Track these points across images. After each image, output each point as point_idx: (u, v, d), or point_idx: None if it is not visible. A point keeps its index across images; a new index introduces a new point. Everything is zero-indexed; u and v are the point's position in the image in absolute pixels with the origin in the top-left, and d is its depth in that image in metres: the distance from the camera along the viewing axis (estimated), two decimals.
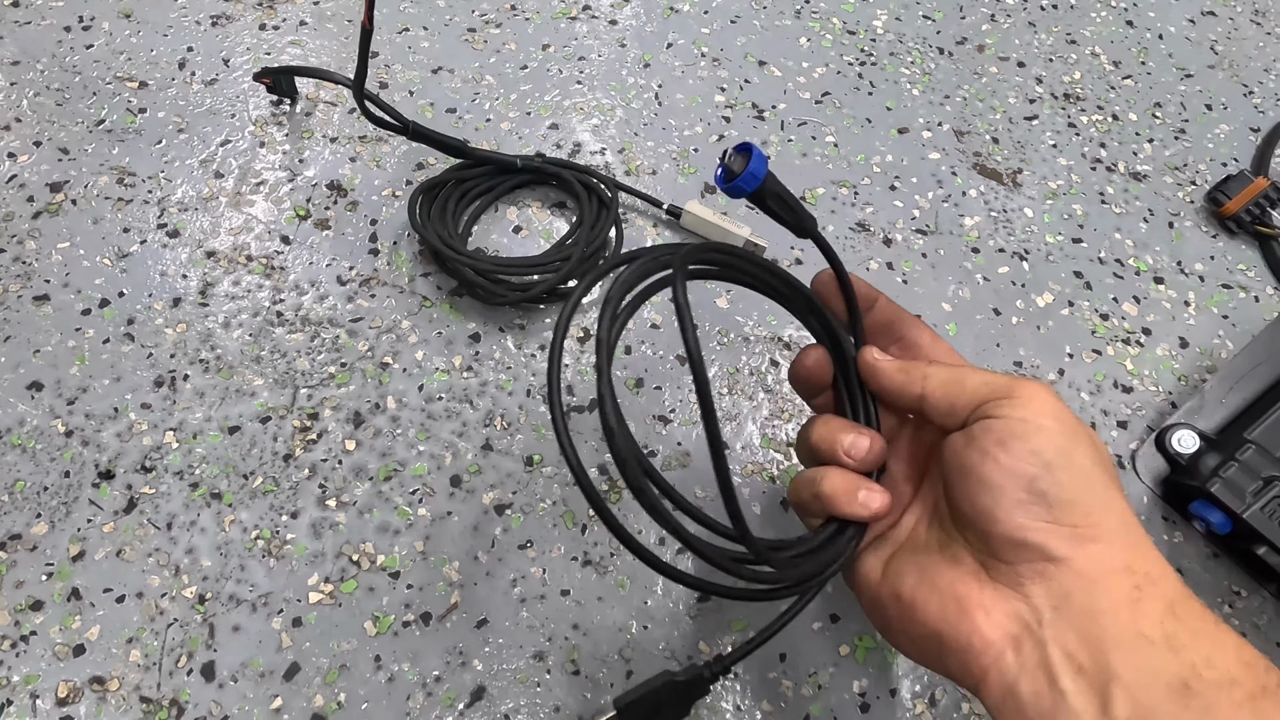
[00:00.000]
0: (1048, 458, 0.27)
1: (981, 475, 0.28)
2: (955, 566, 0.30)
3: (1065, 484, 0.27)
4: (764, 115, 0.59)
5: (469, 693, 0.39)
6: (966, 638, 0.28)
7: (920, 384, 0.31)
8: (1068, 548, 0.27)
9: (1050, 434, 0.28)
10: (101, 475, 0.42)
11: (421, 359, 0.47)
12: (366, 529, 0.42)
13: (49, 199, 0.50)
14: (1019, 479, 0.27)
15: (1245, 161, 0.61)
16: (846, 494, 0.32)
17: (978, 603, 0.28)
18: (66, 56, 0.56)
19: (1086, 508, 0.27)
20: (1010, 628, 0.27)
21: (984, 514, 0.28)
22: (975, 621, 0.28)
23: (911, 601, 0.30)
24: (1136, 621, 0.26)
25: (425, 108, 0.56)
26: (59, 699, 0.37)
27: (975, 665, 0.28)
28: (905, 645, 0.31)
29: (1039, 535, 0.27)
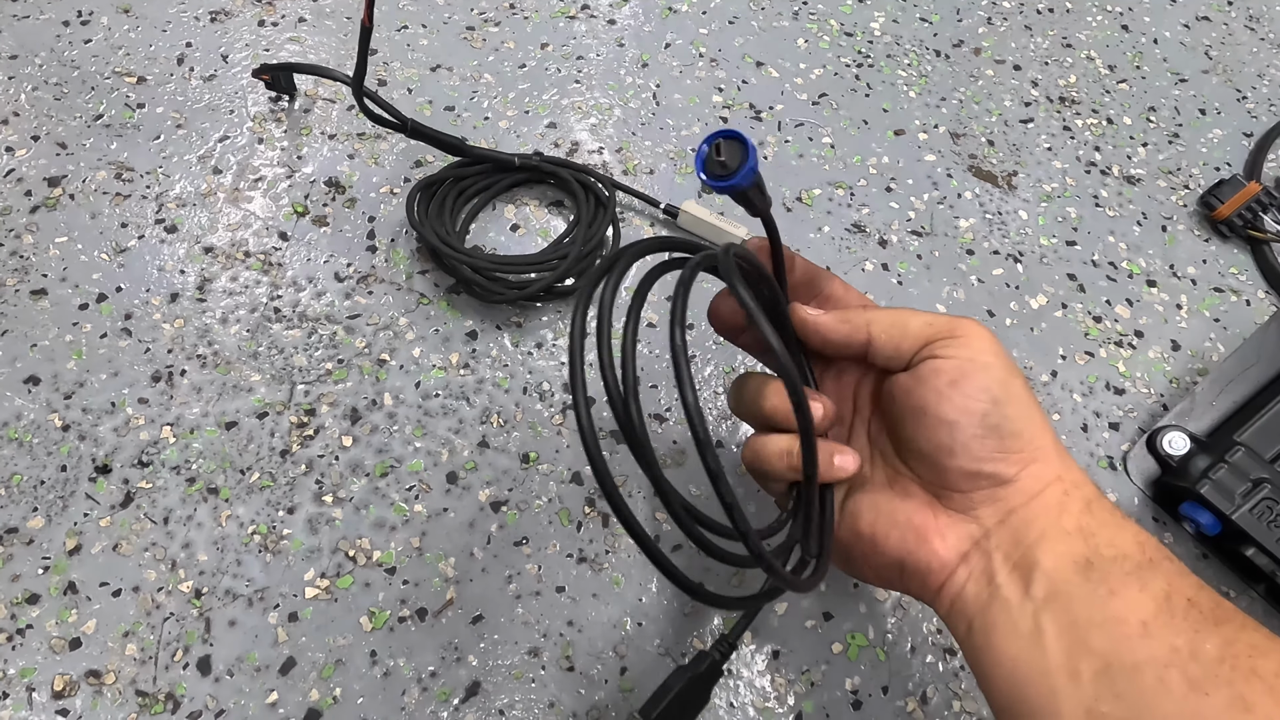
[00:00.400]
0: (995, 394, 0.30)
1: (939, 414, 0.30)
2: (909, 499, 0.32)
3: (1012, 416, 0.30)
4: (761, 116, 0.59)
5: (464, 688, 0.39)
6: (926, 562, 0.31)
7: (865, 330, 0.33)
8: (1015, 470, 0.30)
9: (995, 370, 0.30)
10: (98, 470, 0.42)
11: (418, 356, 0.47)
12: (363, 525, 0.42)
13: (47, 193, 0.50)
14: (973, 415, 0.30)
15: (1238, 166, 0.61)
16: (824, 462, 0.32)
17: (935, 530, 0.31)
18: (65, 51, 0.56)
19: (1030, 435, 0.30)
20: (963, 547, 0.30)
21: (942, 449, 0.31)
22: (934, 547, 0.31)
23: (872, 537, 0.32)
24: (1060, 519, 0.29)
25: (424, 105, 0.56)
26: (55, 692, 0.37)
27: (933, 582, 0.31)
28: (866, 574, 0.34)
29: (992, 465, 0.30)
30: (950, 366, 0.30)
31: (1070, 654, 0.27)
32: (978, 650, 0.30)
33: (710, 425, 0.47)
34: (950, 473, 0.31)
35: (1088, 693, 0.26)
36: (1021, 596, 0.29)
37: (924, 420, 0.31)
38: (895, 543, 0.31)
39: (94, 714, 0.37)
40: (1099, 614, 0.27)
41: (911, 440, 0.32)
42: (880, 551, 0.32)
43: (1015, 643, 0.28)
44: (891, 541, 0.32)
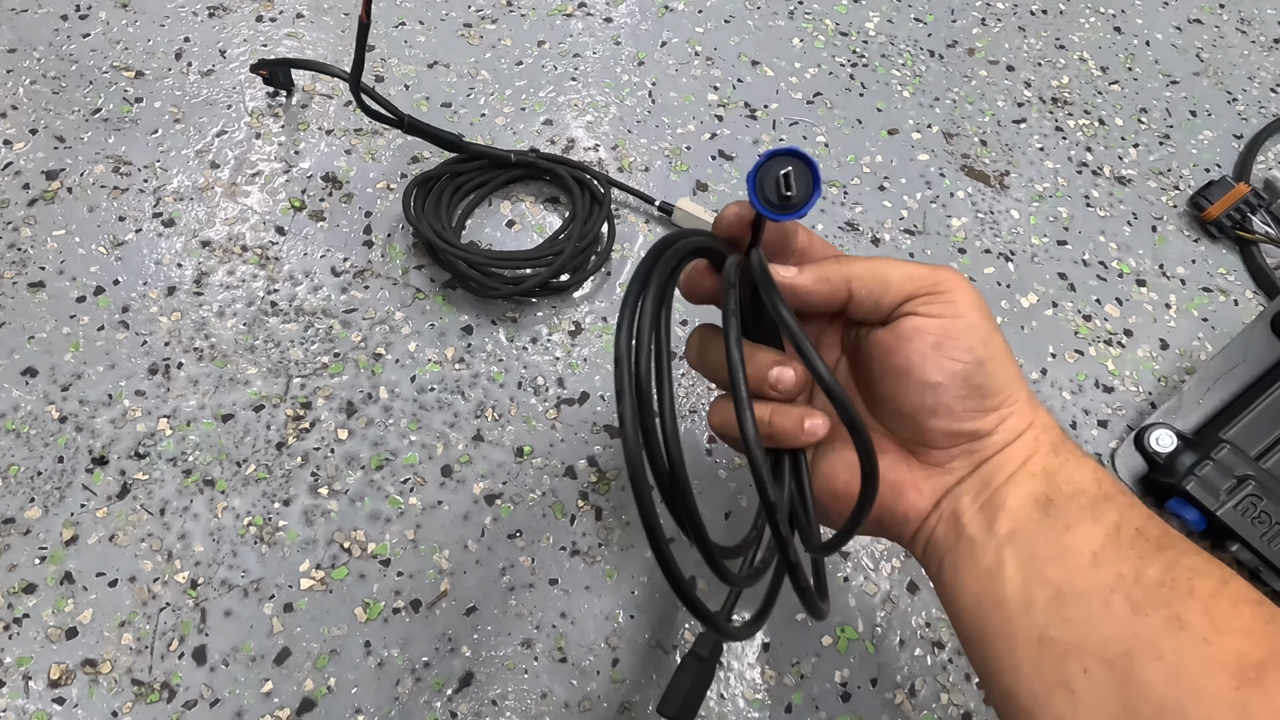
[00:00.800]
0: (979, 353, 0.30)
1: (923, 377, 0.30)
2: (883, 456, 0.32)
3: (994, 375, 0.30)
4: (756, 115, 0.59)
5: (457, 678, 0.40)
6: (903, 513, 0.32)
7: (845, 288, 0.31)
8: (993, 425, 0.30)
9: (979, 330, 0.30)
10: (95, 461, 0.43)
11: (414, 350, 0.47)
12: (358, 517, 0.43)
13: (45, 186, 0.50)
14: (957, 376, 0.30)
15: (1228, 167, 0.62)
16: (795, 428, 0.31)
17: (910, 483, 0.31)
18: (63, 45, 0.56)
19: (1009, 390, 0.30)
20: (936, 496, 0.31)
21: (924, 410, 0.30)
22: (909, 499, 0.31)
23: (849, 494, 0.31)
24: (1028, 463, 0.30)
25: (421, 102, 0.57)
26: (51, 681, 0.38)
27: (908, 531, 0.32)
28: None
29: (973, 422, 0.30)
30: (934, 326, 0.30)
31: (1026, 585, 0.28)
32: (946, 586, 0.31)
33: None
34: (930, 432, 0.31)
35: (1039, 620, 0.28)
36: (985, 534, 0.30)
37: (906, 381, 0.30)
38: None
39: (90, 703, 0.37)
40: (1054, 547, 0.28)
41: (891, 400, 0.31)
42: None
43: (978, 577, 0.29)
44: None
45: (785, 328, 0.28)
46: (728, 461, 0.46)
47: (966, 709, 0.41)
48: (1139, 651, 0.26)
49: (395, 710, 0.39)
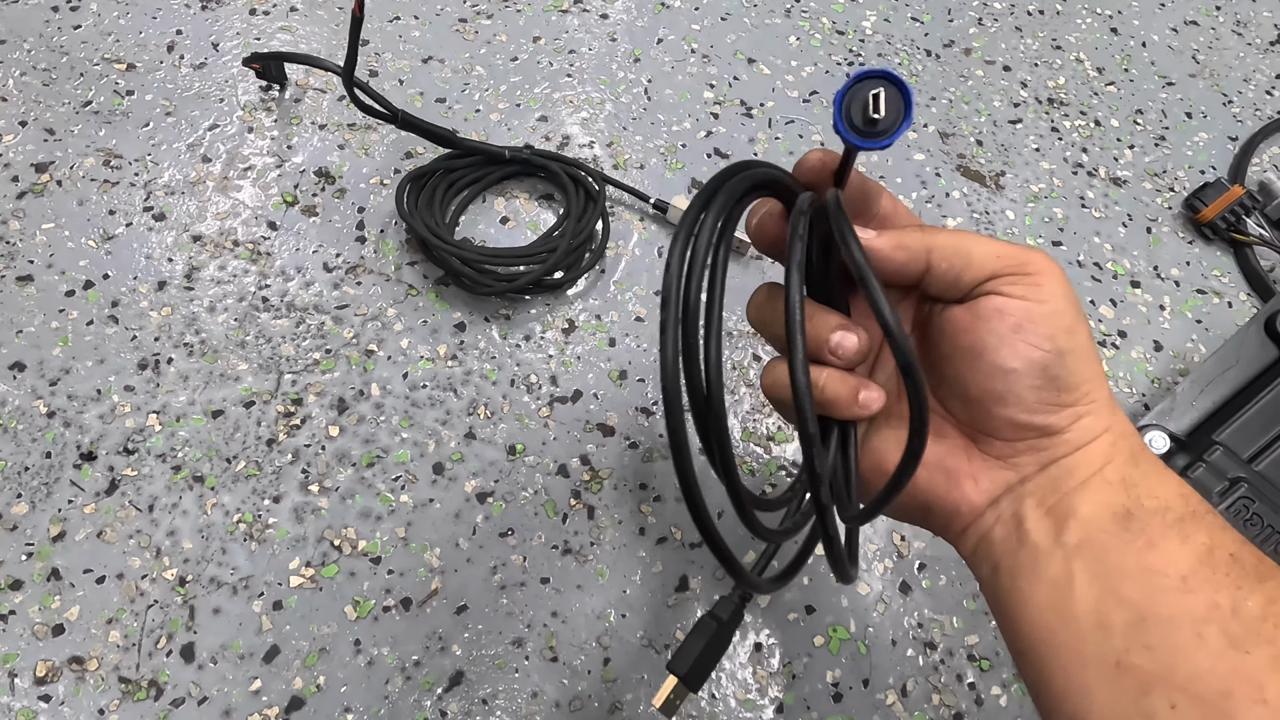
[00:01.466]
0: (1060, 343, 0.27)
1: (997, 360, 0.28)
2: (942, 440, 0.29)
3: (1073, 368, 0.28)
4: (752, 112, 0.59)
5: (447, 677, 0.39)
6: (954, 505, 0.29)
7: (924, 258, 0.29)
8: (1067, 423, 0.28)
9: (1064, 317, 0.28)
10: (83, 457, 0.42)
11: (406, 347, 0.47)
12: (348, 514, 0.42)
13: (34, 179, 0.50)
14: (1034, 365, 0.27)
15: (1223, 169, 0.62)
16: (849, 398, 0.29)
17: (967, 473, 0.29)
18: (54, 37, 0.55)
19: (1087, 387, 0.28)
20: (995, 492, 0.29)
21: (993, 396, 0.28)
22: (964, 490, 0.29)
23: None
24: (1103, 470, 0.28)
25: (415, 97, 0.56)
26: (37, 678, 0.37)
27: (958, 525, 0.29)
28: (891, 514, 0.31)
29: (1045, 417, 0.28)
30: (1016, 308, 0.27)
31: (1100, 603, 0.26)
32: (1002, 592, 0.28)
33: None
34: (997, 421, 0.28)
35: (1117, 644, 0.25)
36: (1052, 542, 0.27)
37: (978, 364, 0.28)
38: (922, 484, 0.29)
39: (76, 700, 0.37)
40: (1134, 564, 0.26)
41: (958, 381, 0.29)
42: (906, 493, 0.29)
43: (1042, 588, 0.27)
44: (919, 481, 0.29)
45: (855, 267, 0.25)
46: None
47: (958, 709, 0.41)
48: (1240, 691, 0.24)
49: (385, 709, 0.38)
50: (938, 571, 0.44)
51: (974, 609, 0.44)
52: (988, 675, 0.42)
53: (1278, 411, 0.46)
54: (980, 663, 0.43)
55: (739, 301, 0.51)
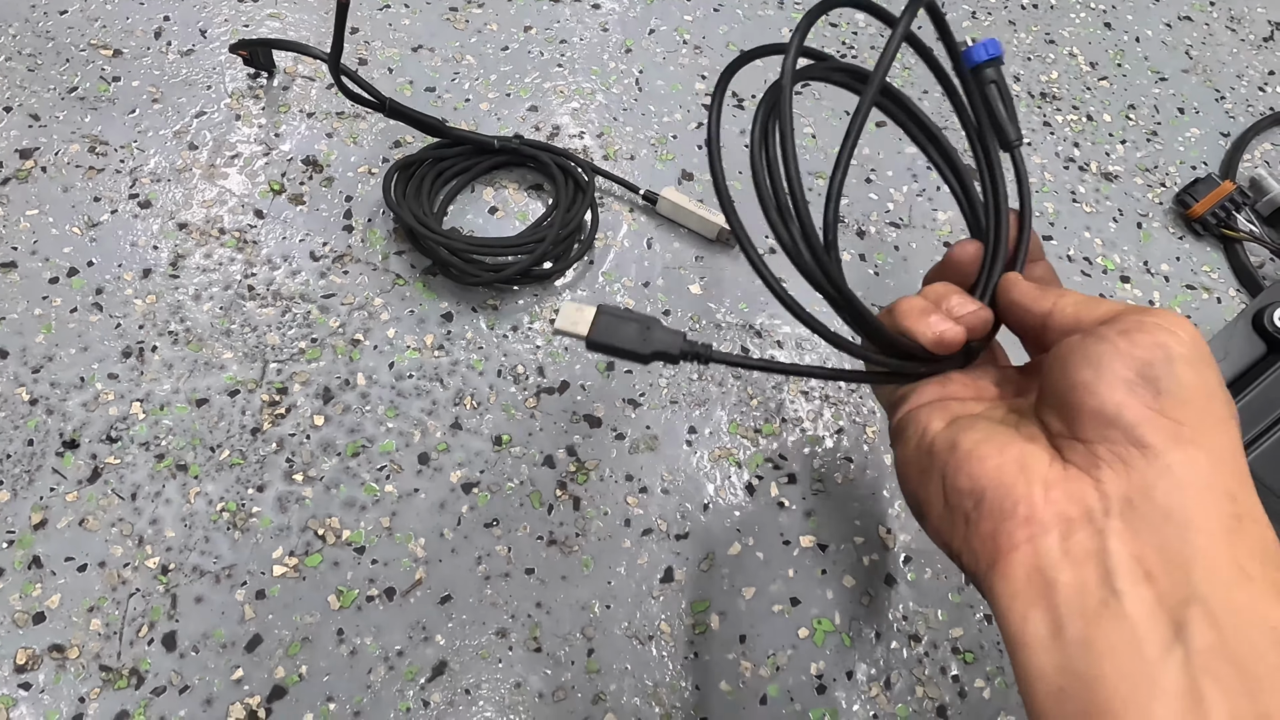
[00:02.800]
0: (1173, 352, 0.24)
1: (1091, 354, 0.25)
2: (1028, 442, 0.26)
3: (1183, 381, 0.24)
4: (744, 104, 0.59)
5: (431, 667, 0.39)
6: (1013, 503, 0.24)
7: (1052, 301, 0.28)
8: (1162, 440, 0.23)
9: (1182, 340, 0.25)
10: (66, 444, 0.42)
11: (393, 336, 0.47)
12: (333, 504, 0.42)
13: (18, 165, 0.49)
14: (1132, 361, 0.24)
15: (1214, 165, 0.62)
16: (919, 313, 0.29)
17: (1041, 475, 0.25)
18: (39, 21, 0.55)
19: (1199, 413, 0.24)
20: (1068, 510, 0.24)
21: (1081, 386, 0.25)
22: (1030, 490, 0.24)
23: (969, 452, 0.26)
24: (1234, 553, 0.22)
25: (404, 86, 0.56)
26: (17, 666, 0.37)
27: (1007, 538, 0.24)
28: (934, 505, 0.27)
29: (1133, 414, 0.24)
30: (1129, 323, 0.25)
31: None
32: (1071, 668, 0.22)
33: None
34: (1082, 414, 0.25)
35: None
36: (1170, 637, 0.21)
37: (1074, 358, 0.25)
38: (989, 469, 0.25)
39: (57, 688, 0.37)
40: None
41: (1054, 381, 0.26)
42: (965, 472, 0.26)
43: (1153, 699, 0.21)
44: (988, 464, 0.26)
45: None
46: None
47: (942, 702, 0.41)
48: None
49: (367, 698, 0.38)
50: (923, 564, 0.44)
51: (959, 602, 0.44)
52: (971, 668, 0.42)
53: (1265, 406, 0.46)
54: (964, 655, 0.43)
55: (727, 294, 0.51)
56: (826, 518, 0.45)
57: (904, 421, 0.31)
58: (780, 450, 0.47)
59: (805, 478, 0.46)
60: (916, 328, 0.29)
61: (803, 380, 0.49)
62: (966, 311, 0.30)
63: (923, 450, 0.28)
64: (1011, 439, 0.26)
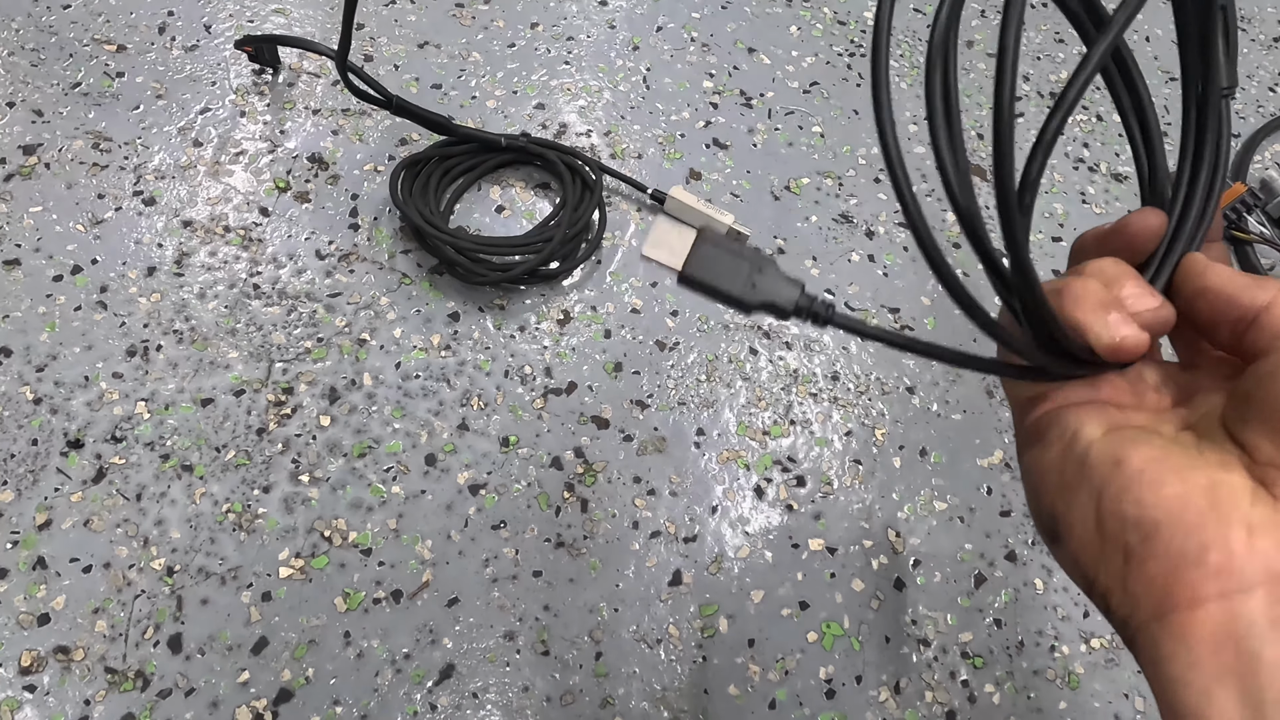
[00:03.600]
0: None
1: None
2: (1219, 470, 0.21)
3: None
4: (752, 103, 0.58)
5: (438, 670, 0.39)
6: (1200, 547, 0.20)
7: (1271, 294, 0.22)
8: None
9: None
10: (70, 444, 0.42)
11: (399, 336, 0.47)
12: (339, 505, 0.42)
13: (21, 161, 0.49)
14: None
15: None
16: (1096, 303, 0.23)
17: (1241, 515, 0.20)
18: (43, 16, 0.54)
19: None
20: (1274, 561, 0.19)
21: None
22: (1228, 533, 0.20)
23: (1138, 475, 0.21)
24: None
25: (410, 82, 0.56)
26: (22, 668, 0.37)
27: (1188, 589, 0.20)
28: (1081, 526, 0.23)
29: None
30: None
31: None
32: None
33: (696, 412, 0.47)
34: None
35: None
36: None
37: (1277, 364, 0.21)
38: (1167, 497, 0.21)
39: (62, 690, 0.37)
40: None
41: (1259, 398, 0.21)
42: (1135, 497, 0.21)
43: None
44: (1166, 491, 0.21)
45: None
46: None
47: (951, 707, 0.41)
48: None
49: (374, 702, 0.38)
50: (932, 568, 0.44)
51: (968, 606, 0.44)
52: (980, 672, 0.42)
53: None
54: (974, 660, 0.42)
55: None
56: (835, 521, 0.45)
57: (1044, 422, 0.25)
58: (789, 453, 0.46)
59: (814, 480, 0.46)
60: (1094, 326, 0.23)
61: (811, 382, 0.48)
62: (1148, 308, 0.24)
63: (1072, 459, 0.23)
64: (1195, 463, 0.21)
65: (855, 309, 0.51)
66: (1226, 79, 0.27)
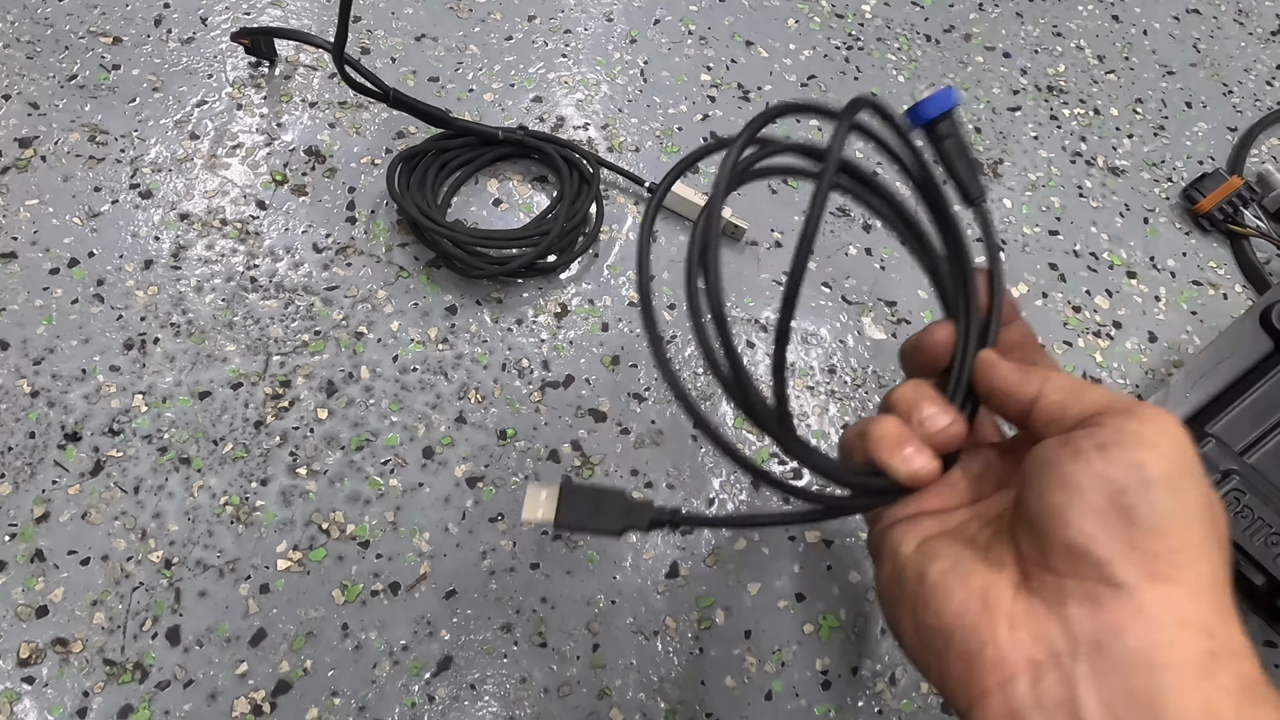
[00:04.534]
0: (1149, 474, 0.23)
1: (1065, 473, 0.24)
2: (994, 570, 0.25)
3: (1159, 509, 0.23)
4: (749, 96, 0.58)
5: (436, 662, 0.39)
6: (980, 646, 0.24)
7: (1037, 386, 0.27)
8: (1135, 576, 0.22)
9: (1163, 455, 0.23)
10: (68, 437, 0.42)
11: (397, 329, 0.47)
12: (337, 498, 0.42)
13: (17, 154, 0.49)
14: (1106, 485, 0.23)
15: (1221, 160, 0.62)
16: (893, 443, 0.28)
17: (1005, 611, 0.24)
18: (38, 8, 0.54)
19: (1176, 543, 0.23)
20: (1034, 652, 0.23)
21: (1052, 513, 0.24)
22: (996, 630, 0.24)
23: (934, 587, 0.26)
24: (1206, 694, 0.21)
25: (407, 75, 0.55)
26: (20, 660, 0.37)
27: (977, 682, 0.24)
28: (909, 636, 0.27)
29: (1105, 550, 0.23)
30: (1107, 434, 0.24)
31: None
32: None
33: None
34: (1053, 545, 0.24)
35: None
36: None
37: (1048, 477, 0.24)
38: (955, 605, 0.25)
39: (60, 682, 0.37)
40: None
41: (1027, 501, 0.25)
42: (932, 609, 0.25)
43: None
44: (952, 601, 0.25)
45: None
46: None
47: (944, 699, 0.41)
48: None
49: (372, 693, 0.38)
50: None
51: None
52: None
53: (1271, 404, 0.46)
54: None
55: (733, 288, 0.50)
56: None
57: (878, 540, 0.30)
58: None
59: (810, 473, 0.46)
60: (891, 463, 0.28)
61: (808, 375, 0.49)
62: (940, 428, 0.28)
63: (894, 578, 0.28)
64: (977, 567, 0.26)
65: (853, 302, 0.51)
66: (976, 191, 0.32)
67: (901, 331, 0.51)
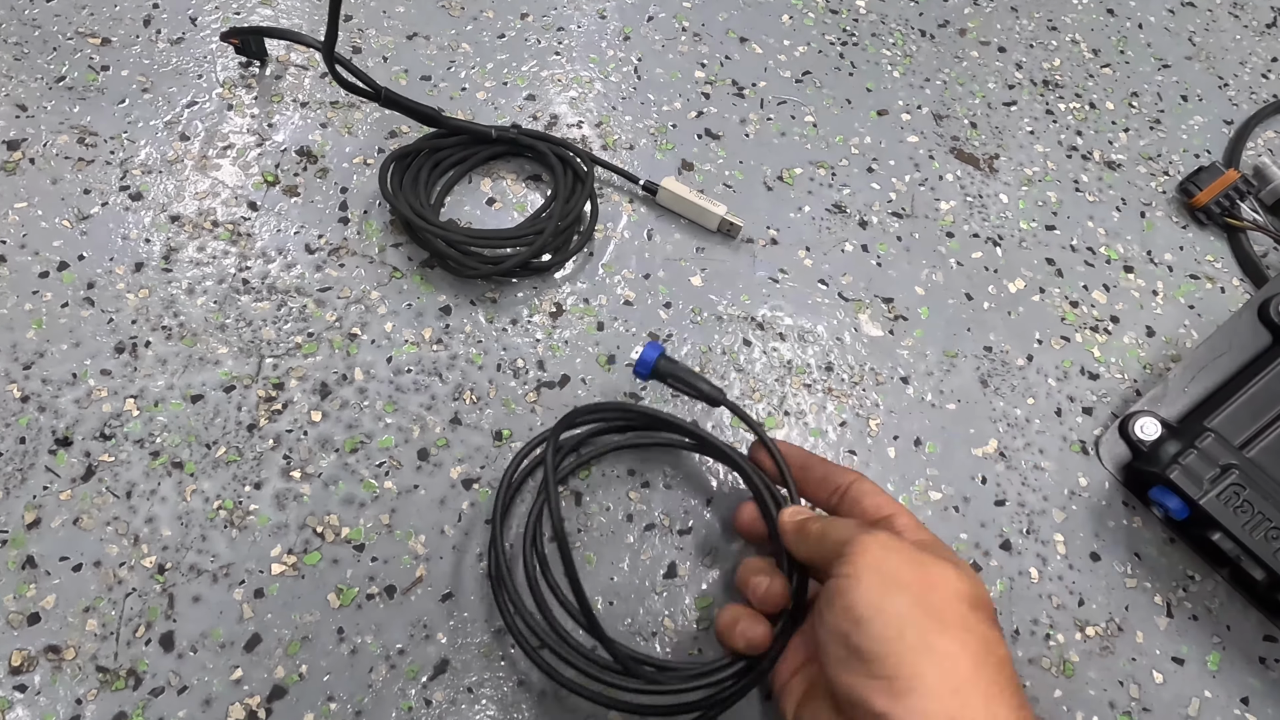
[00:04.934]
0: (859, 612, 0.28)
1: (818, 636, 0.30)
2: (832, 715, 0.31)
3: (875, 636, 0.28)
4: (744, 92, 0.58)
5: (432, 666, 0.39)
6: None
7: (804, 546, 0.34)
8: (885, 701, 0.27)
9: (866, 587, 0.29)
10: (59, 442, 0.41)
11: (390, 330, 0.46)
12: (331, 501, 0.42)
13: (6, 157, 0.48)
14: (838, 636, 0.29)
15: (1218, 153, 0.61)
16: (727, 627, 0.35)
17: None
18: (25, 9, 0.54)
19: (898, 659, 0.27)
20: None
21: (826, 672, 0.30)
22: None
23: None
24: None
25: (399, 74, 0.55)
26: (12, 667, 0.37)
27: None
28: None
29: (860, 690, 0.28)
30: (832, 586, 0.30)
31: None
32: None
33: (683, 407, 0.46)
34: (837, 696, 0.30)
35: None
36: None
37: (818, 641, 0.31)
38: None
39: (53, 690, 0.36)
40: None
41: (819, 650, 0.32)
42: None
43: None
44: None
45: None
46: None
47: None
48: None
49: (369, 698, 0.38)
50: None
51: None
52: None
53: (1270, 398, 0.46)
54: None
55: (729, 286, 0.50)
56: None
57: (781, 695, 0.35)
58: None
59: None
60: (733, 644, 0.35)
61: (805, 373, 0.48)
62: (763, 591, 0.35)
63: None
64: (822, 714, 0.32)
65: (849, 299, 0.51)
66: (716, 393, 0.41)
67: (898, 328, 0.50)
